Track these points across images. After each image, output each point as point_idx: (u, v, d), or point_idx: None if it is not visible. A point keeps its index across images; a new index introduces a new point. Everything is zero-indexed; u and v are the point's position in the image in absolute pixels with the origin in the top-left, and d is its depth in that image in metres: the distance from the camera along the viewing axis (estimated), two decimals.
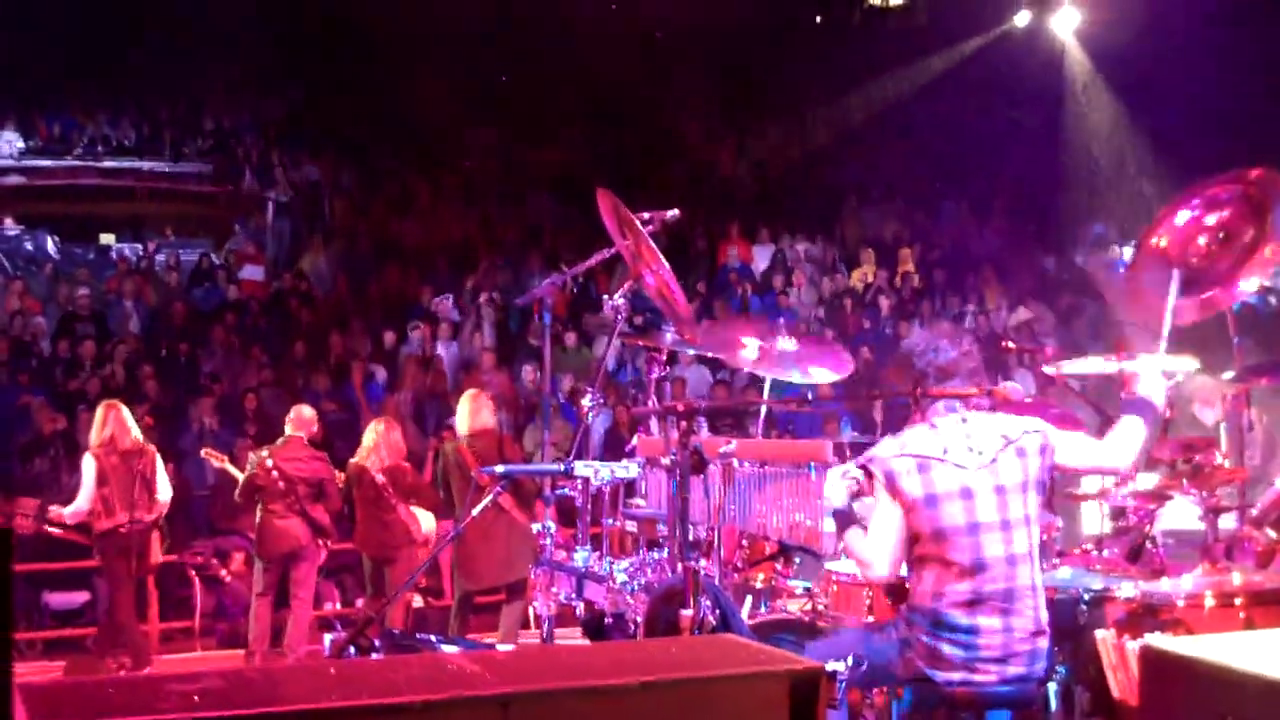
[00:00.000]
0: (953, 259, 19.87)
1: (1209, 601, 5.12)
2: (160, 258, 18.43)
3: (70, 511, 10.23)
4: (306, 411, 10.59)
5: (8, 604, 2.32)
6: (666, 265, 5.45)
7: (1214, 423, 9.16)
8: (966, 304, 17.69)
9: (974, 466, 4.50)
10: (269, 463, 10.10)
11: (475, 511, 5.28)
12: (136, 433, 10.44)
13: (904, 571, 4.76)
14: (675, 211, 5.67)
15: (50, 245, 19.05)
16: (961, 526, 4.46)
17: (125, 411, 10.49)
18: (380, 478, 10.00)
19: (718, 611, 4.63)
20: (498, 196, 20.97)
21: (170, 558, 11.65)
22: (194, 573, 12.04)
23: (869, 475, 4.64)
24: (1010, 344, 10.32)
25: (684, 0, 24.28)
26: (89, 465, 10.22)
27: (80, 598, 12.17)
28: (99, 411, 10.49)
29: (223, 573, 12.15)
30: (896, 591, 5.20)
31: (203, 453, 12.13)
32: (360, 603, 11.56)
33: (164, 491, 10.52)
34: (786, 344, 6.48)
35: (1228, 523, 6.40)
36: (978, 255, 19.94)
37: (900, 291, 18.29)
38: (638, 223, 5.30)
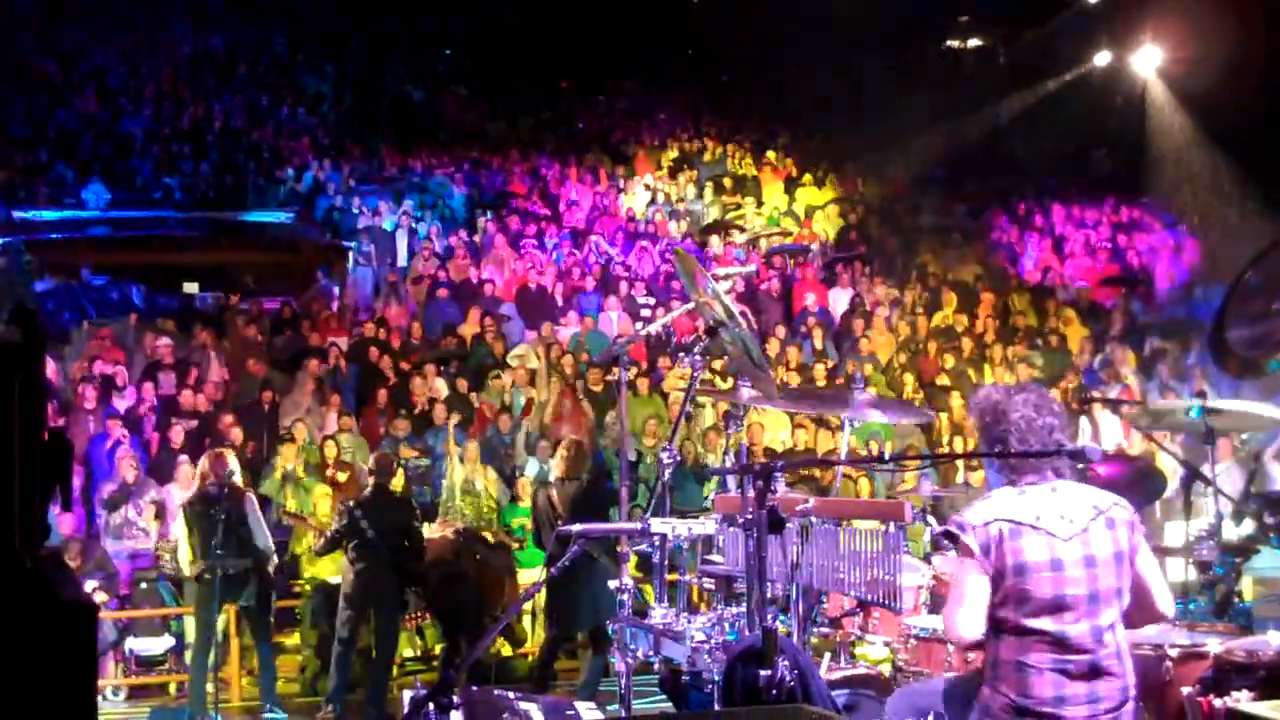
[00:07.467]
0: (1034, 301, 19.71)
1: None
2: (243, 306, 18.63)
3: None
4: (389, 460, 10.73)
5: (93, 685, 2.34)
6: (743, 322, 5.44)
7: None
8: (1049, 345, 17.51)
9: (1065, 535, 4.30)
10: (357, 513, 10.17)
11: (554, 570, 5.26)
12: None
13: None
14: (753, 266, 5.67)
15: (135, 294, 19.30)
16: (1048, 598, 4.27)
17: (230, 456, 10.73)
18: (452, 535, 10.00)
19: (796, 672, 4.55)
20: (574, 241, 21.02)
21: None
22: None
23: (954, 539, 4.44)
24: (1096, 394, 10.18)
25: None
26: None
27: (164, 643, 12.31)
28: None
29: None
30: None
31: (285, 519, 12.32)
32: (439, 650, 11.62)
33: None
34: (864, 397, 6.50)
35: None
36: (1060, 297, 19.77)
37: (982, 335, 18.12)
38: (714, 282, 5.28)
